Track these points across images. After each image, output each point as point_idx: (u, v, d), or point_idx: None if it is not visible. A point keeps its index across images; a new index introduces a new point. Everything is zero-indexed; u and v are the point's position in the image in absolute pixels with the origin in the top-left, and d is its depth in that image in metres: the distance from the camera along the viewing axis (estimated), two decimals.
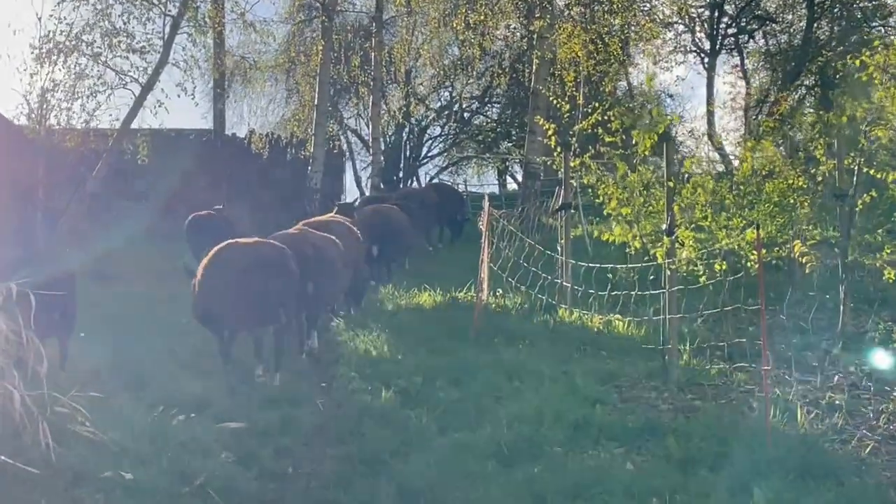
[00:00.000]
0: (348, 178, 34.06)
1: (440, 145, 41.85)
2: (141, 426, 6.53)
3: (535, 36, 21.73)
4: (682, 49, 38.98)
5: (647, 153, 8.41)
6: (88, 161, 18.17)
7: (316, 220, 12.17)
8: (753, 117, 36.66)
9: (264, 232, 11.84)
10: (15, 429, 5.65)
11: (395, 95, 29.71)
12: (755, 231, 6.88)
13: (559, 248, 10.58)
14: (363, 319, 10.86)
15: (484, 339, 9.26)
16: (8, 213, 18.01)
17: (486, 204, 10.96)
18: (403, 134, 37.31)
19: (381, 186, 24.85)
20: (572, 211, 10.75)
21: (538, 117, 12.48)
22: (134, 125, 18.48)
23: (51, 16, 16.82)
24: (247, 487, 5.72)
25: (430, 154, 41.15)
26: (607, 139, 9.56)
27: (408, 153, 36.70)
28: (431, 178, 40.73)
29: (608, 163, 10.84)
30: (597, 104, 10.83)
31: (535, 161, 21.19)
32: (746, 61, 37.61)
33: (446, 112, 36.20)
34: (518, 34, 23.78)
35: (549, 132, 10.72)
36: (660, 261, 8.09)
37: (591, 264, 9.24)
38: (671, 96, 40.52)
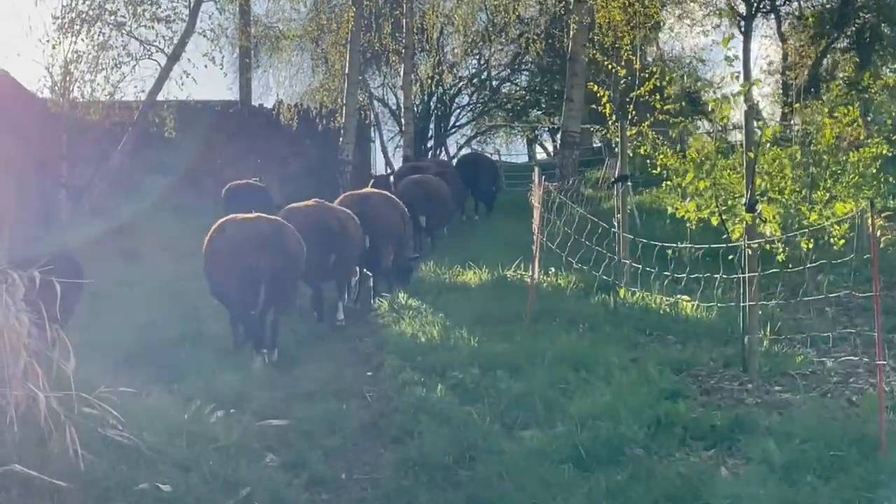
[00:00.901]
0: (375, 149, 33.38)
1: (468, 114, 41.08)
2: (177, 425, 5.93)
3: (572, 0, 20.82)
4: (717, 12, 37.82)
5: (726, 121, 7.67)
6: (112, 135, 17.55)
7: (356, 193, 11.53)
8: (790, 80, 35.62)
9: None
10: (41, 436, 5.07)
11: (424, 64, 28.84)
12: (845, 205, 6.16)
13: (615, 223, 9.85)
14: (407, 300, 10.22)
15: (540, 323, 8.60)
16: (30, 189, 17.49)
17: (536, 176, 10.24)
18: (431, 104, 36.55)
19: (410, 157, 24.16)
20: (629, 183, 9.99)
21: (591, 84, 11.68)
22: (160, 97, 17.83)
23: None
24: (296, 498, 5.12)
25: (458, 123, 40.39)
26: (664, 106, 8.82)
27: (436, 123, 35.94)
28: (460, 148, 39.98)
29: (664, 131, 10.11)
30: (654, 69, 10.10)
31: (572, 130, 20.37)
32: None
33: (475, 80, 35.31)
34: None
35: (604, 99, 9.98)
36: (736, 238, 7.37)
37: (662, 243, 8.47)
38: (702, 61, 39.45)
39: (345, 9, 21.31)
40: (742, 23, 36.52)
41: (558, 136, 43.55)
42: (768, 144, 8.29)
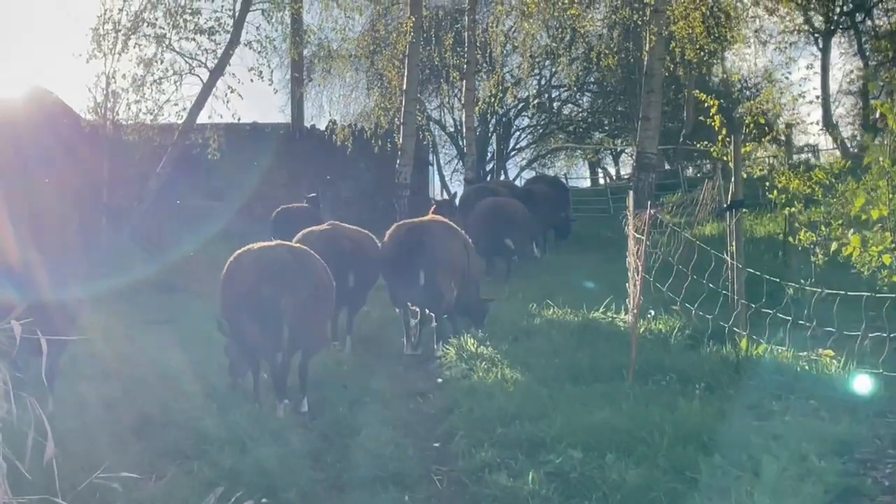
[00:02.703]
0: (433, 172, 32.14)
1: (528, 136, 39.76)
2: None
3: (647, 10, 19.25)
4: (794, 29, 36.00)
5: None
6: (154, 157, 16.39)
7: (407, 222, 10.07)
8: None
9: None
10: None
11: (485, 82, 27.46)
12: None
13: (728, 256, 8.18)
14: (477, 347, 8.68)
15: (645, 383, 6.98)
16: (70, 216, 16.41)
17: (631, 201, 8.66)
18: (490, 125, 35.26)
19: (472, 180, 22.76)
20: (744, 210, 8.34)
21: (698, 92, 10.06)
22: (206, 118, 16.63)
23: None
24: None
25: (518, 146, 39.10)
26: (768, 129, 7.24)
27: (496, 145, 34.63)
28: (520, 171, 38.65)
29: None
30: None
31: (649, 151, 18.75)
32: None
33: (536, 101, 33.92)
34: (626, 10, 21.23)
35: (713, 110, 8.40)
36: None
37: (792, 283, 6.80)
38: (772, 81, 37.52)
39: (402, 20, 19.97)
40: (820, 39, 34.67)
41: (621, 158, 42.22)
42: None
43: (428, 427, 6.80)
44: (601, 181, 42.10)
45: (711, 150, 8.84)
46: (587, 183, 41.96)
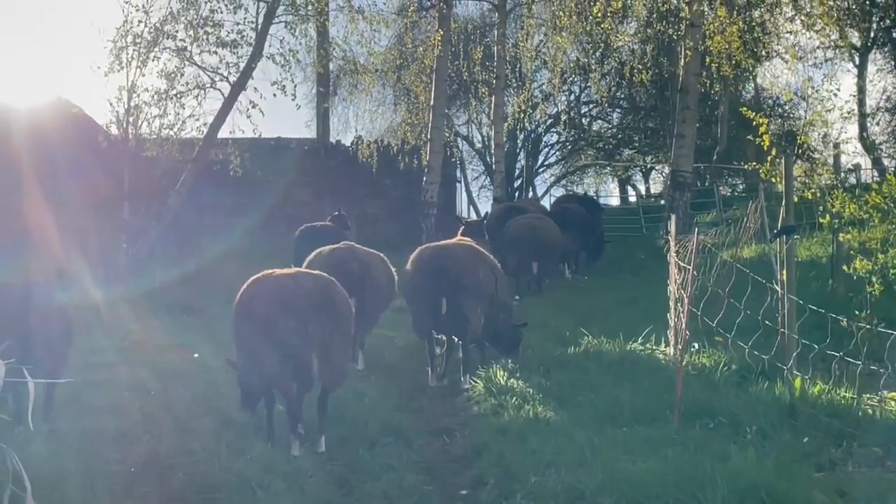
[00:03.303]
0: (461, 189, 31.64)
1: (556, 153, 39.23)
2: None
3: (683, 24, 18.69)
4: (831, 44, 35.19)
5: None
6: (175, 173, 16.00)
7: (431, 246, 9.56)
8: None
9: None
10: None
11: (514, 98, 26.93)
12: None
13: (778, 285, 7.57)
14: (507, 379, 8.14)
15: (692, 424, 6.39)
16: (90, 232, 16.05)
17: (673, 225, 8.09)
18: (518, 141, 34.79)
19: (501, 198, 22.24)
20: (796, 236, 7.72)
21: (745, 109, 9.51)
22: (228, 133, 16.24)
23: (127, 2, 14.65)
24: None
25: (546, 162, 38.61)
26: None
27: (525, 161, 34.11)
28: (549, 188, 38.17)
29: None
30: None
31: (683, 169, 18.18)
32: None
33: (565, 117, 33.39)
34: (661, 24, 20.65)
35: (762, 128, 7.83)
36: None
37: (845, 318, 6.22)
38: (804, 98, 36.65)
39: (430, 34, 19.49)
40: (857, 56, 33.90)
41: (651, 175, 41.55)
42: None
43: (455, 471, 6.27)
44: (630, 199, 41.47)
45: (760, 170, 8.26)
46: (616, 201, 41.33)
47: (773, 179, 7.98)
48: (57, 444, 6.08)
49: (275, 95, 14.86)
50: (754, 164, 8.38)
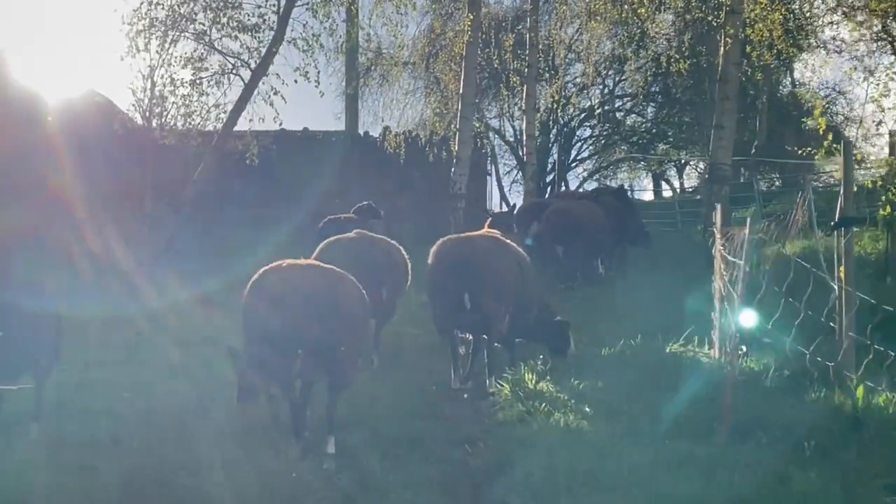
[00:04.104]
0: (491, 182, 30.97)
1: (589, 147, 38.49)
2: None
3: (723, 11, 17.89)
4: (873, 37, 34.10)
5: None
6: (198, 163, 15.51)
7: (454, 237, 8.95)
8: None
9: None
10: None
11: (547, 90, 26.20)
12: None
13: (837, 281, 6.85)
14: (535, 383, 7.50)
15: (742, 438, 5.71)
16: (112, 224, 15.64)
17: (719, 216, 7.40)
18: (551, 135, 34.07)
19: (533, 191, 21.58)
20: (858, 228, 7.02)
21: (801, 91, 8.79)
22: (246, 124, 15.71)
23: None
24: None
25: (579, 157, 37.88)
26: None
27: (557, 155, 33.38)
28: (582, 182, 37.49)
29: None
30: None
31: (722, 162, 17.41)
32: None
33: (598, 111, 32.62)
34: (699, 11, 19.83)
35: (816, 111, 7.14)
36: None
37: None
38: (843, 93, 35.45)
39: (459, 20, 18.81)
40: None
41: (685, 170, 40.62)
42: None
43: (475, 487, 5.65)
44: (664, 194, 40.61)
45: (815, 157, 7.56)
46: (650, 195, 40.52)
47: (827, 168, 7.30)
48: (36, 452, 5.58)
49: (296, 82, 14.30)
50: (809, 148, 7.68)
